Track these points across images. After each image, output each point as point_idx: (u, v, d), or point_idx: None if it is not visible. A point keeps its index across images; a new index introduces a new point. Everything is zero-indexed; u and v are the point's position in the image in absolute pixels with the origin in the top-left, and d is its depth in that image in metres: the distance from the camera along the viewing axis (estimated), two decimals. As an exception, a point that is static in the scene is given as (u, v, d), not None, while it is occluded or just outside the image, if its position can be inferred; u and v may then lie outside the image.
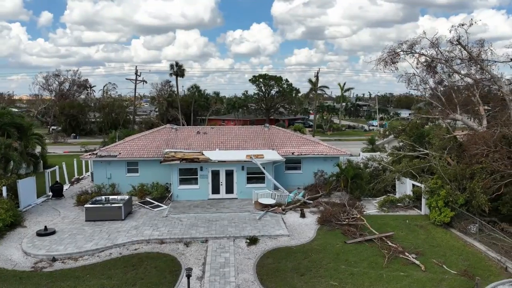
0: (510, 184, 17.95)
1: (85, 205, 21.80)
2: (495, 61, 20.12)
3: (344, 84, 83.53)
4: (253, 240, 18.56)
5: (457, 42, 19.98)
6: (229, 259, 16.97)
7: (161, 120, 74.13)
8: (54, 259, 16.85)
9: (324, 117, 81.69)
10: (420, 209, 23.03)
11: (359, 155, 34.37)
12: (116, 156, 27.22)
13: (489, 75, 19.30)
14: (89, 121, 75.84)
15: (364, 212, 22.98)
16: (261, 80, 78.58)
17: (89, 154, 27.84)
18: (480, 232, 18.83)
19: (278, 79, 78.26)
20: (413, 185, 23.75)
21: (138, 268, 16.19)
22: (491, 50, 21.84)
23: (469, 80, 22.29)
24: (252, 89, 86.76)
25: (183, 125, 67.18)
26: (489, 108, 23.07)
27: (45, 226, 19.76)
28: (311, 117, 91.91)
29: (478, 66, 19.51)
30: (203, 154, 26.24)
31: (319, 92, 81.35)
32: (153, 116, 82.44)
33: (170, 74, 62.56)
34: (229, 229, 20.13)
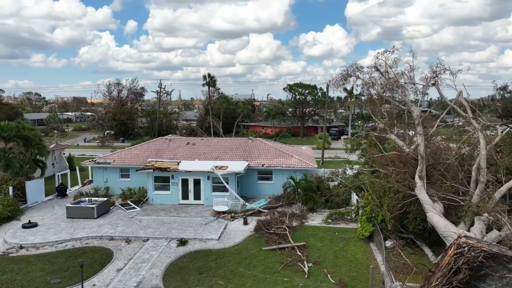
0: (413, 204, 18.99)
1: (66, 205, 26.31)
2: (420, 84, 21.05)
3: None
4: (182, 242, 21.53)
5: (375, 69, 21.22)
6: (153, 256, 20.11)
7: (200, 127, 79.40)
8: (21, 247, 21.27)
9: (359, 125, 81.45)
10: (360, 223, 24.35)
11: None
12: (110, 163, 31.70)
13: (404, 100, 20.33)
14: (137, 126, 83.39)
15: (307, 223, 24.84)
16: (295, 88, 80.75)
17: (89, 161, 32.62)
18: (393, 248, 20.06)
19: (312, 88, 79.81)
20: (357, 200, 25.11)
21: (78, 258, 19.92)
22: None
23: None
24: (284, 97, 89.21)
25: (218, 132, 71.49)
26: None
27: (29, 220, 24.47)
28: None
29: (400, 90, 20.61)
30: (178, 164, 29.68)
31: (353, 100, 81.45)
32: (193, 123, 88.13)
33: (203, 85, 67.15)
34: (172, 231, 23.29)
